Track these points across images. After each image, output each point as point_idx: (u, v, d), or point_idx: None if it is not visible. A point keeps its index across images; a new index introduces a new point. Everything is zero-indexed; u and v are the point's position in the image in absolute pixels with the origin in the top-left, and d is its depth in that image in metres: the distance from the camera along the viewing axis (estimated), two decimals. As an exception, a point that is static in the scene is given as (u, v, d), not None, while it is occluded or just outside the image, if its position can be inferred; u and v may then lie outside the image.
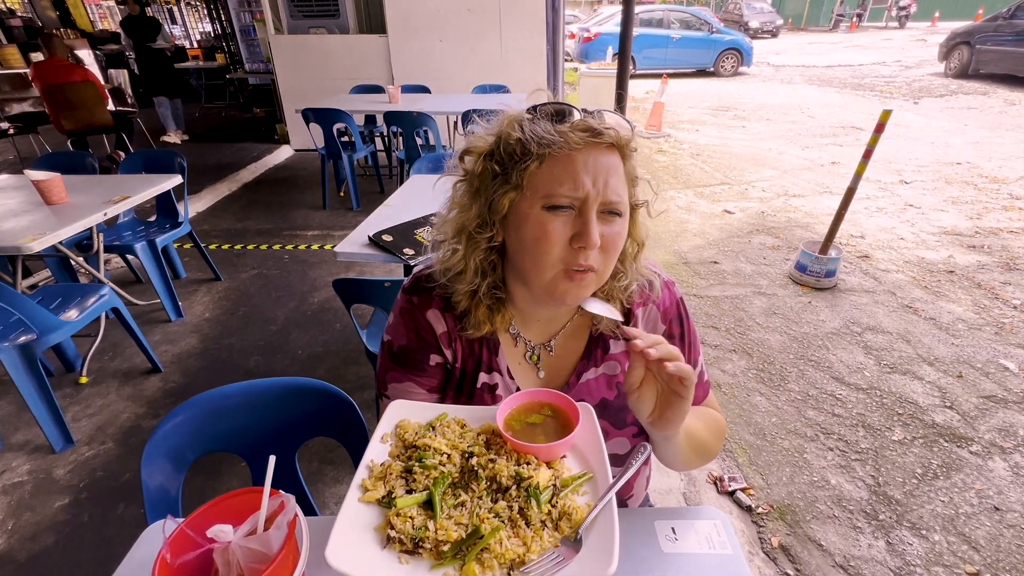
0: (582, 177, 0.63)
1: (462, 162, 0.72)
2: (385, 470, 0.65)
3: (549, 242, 0.65)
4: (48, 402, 1.94)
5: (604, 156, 0.65)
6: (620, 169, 0.67)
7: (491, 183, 0.68)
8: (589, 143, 0.64)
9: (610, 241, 0.67)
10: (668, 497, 1.77)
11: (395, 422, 0.73)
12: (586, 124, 0.64)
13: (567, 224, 0.65)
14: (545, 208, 0.65)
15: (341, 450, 1.03)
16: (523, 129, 0.66)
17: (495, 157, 0.68)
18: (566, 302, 0.69)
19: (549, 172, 0.65)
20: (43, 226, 2.00)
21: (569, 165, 0.64)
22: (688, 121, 7.41)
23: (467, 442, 0.68)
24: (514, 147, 0.66)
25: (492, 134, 0.69)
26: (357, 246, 1.74)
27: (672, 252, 3.55)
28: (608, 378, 0.80)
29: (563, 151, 0.64)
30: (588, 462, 0.67)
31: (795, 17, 23.58)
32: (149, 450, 0.91)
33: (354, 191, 4.30)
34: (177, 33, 12.61)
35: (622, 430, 0.80)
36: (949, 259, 3.35)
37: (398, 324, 0.81)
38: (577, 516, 0.59)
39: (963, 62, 9.39)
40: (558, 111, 0.67)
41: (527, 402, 0.72)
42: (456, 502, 0.61)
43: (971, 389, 2.23)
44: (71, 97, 4.51)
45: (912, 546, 1.59)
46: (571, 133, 0.63)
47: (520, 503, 0.60)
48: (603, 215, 0.66)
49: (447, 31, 5.32)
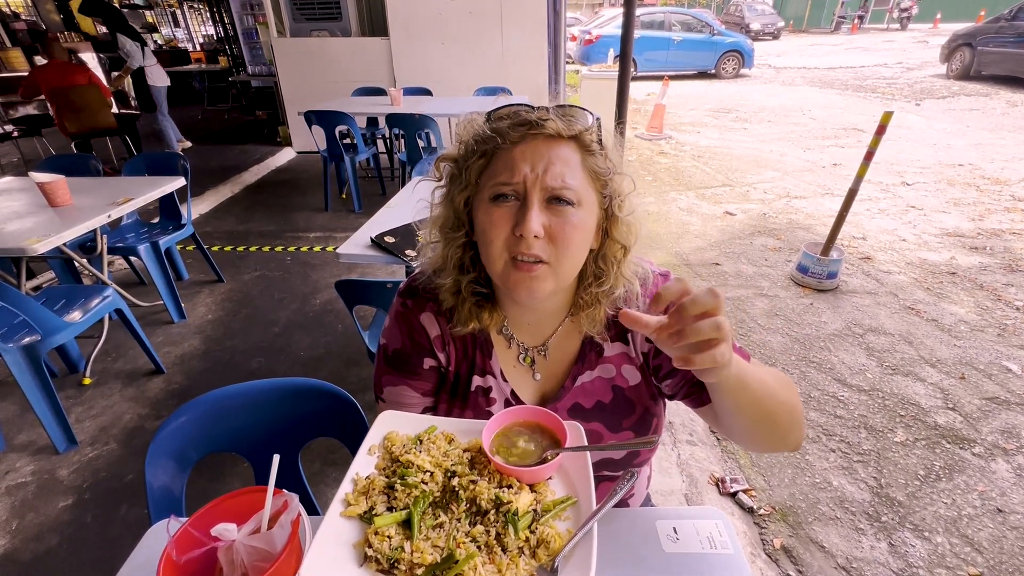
0: (519, 165, 0.65)
1: (437, 169, 0.76)
2: (368, 485, 0.65)
3: (494, 231, 0.67)
4: (52, 403, 1.94)
5: (548, 146, 0.66)
6: (572, 159, 0.67)
7: (453, 185, 0.73)
8: (530, 136, 0.66)
9: (558, 230, 0.65)
10: (669, 499, 1.77)
11: (384, 433, 0.72)
12: (522, 118, 0.66)
13: (510, 213, 0.66)
14: (490, 199, 0.67)
15: (344, 451, 1.03)
16: (473, 129, 0.70)
17: (457, 161, 0.72)
18: (521, 295, 0.68)
19: (493, 167, 0.68)
20: (47, 228, 2.01)
21: (509, 157, 0.66)
22: (689, 123, 7.42)
23: (451, 460, 0.67)
24: (466, 149, 0.71)
25: (457, 141, 0.73)
26: (359, 247, 1.75)
27: (673, 254, 3.55)
28: (604, 380, 0.80)
29: (505, 146, 0.67)
30: (574, 486, 0.66)
31: (796, 19, 23.59)
32: (153, 450, 0.91)
33: (356, 193, 4.31)
34: (180, 36, 12.67)
35: (618, 434, 0.80)
36: (951, 260, 3.34)
37: (393, 327, 0.82)
38: (555, 544, 0.58)
39: (965, 64, 9.38)
40: (510, 112, 0.68)
41: (516, 421, 0.70)
42: (435, 523, 0.61)
43: (973, 391, 2.22)
44: (75, 100, 4.54)
45: (915, 548, 1.59)
46: (509, 130, 0.66)
47: (498, 528, 0.59)
48: (550, 204, 0.66)
49: (448, 34, 5.33)
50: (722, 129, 7.02)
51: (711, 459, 1.94)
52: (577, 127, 0.67)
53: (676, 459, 1.93)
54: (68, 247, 2.30)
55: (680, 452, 1.96)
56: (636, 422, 0.80)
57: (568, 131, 0.66)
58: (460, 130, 0.72)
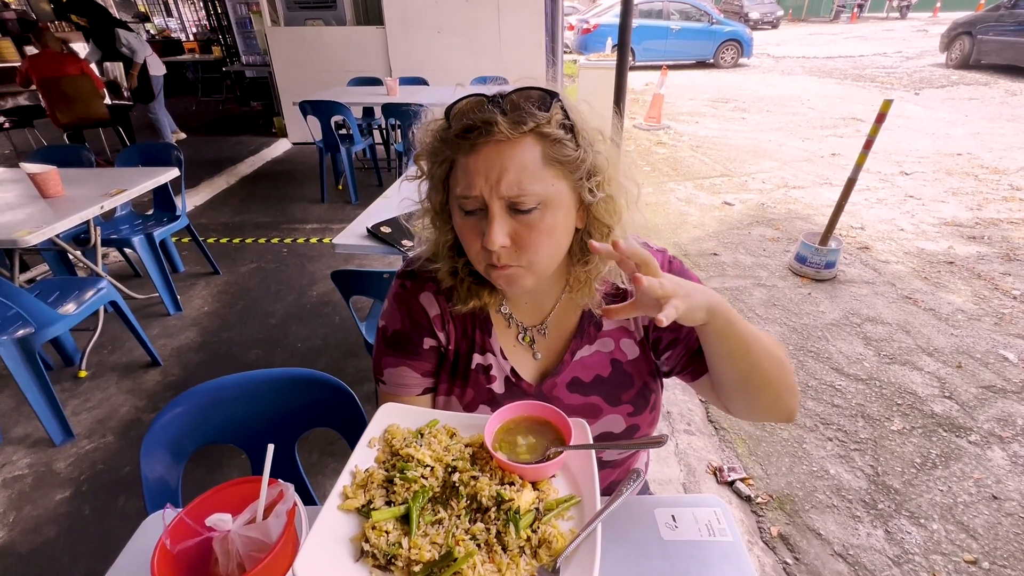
0: (474, 178, 0.62)
1: (418, 164, 0.74)
2: (367, 478, 0.64)
3: (467, 241, 0.68)
4: (47, 396, 1.94)
5: (499, 152, 0.62)
6: (529, 160, 0.62)
7: (428, 185, 0.72)
8: (481, 144, 0.62)
9: (524, 237, 0.64)
10: (667, 487, 1.77)
11: (384, 426, 0.71)
12: (469, 123, 0.62)
13: (478, 225, 0.65)
14: (460, 210, 0.67)
15: (342, 441, 1.02)
16: (425, 140, 0.69)
17: (424, 164, 0.71)
18: (505, 287, 0.70)
19: (455, 175, 0.66)
20: (39, 219, 1.99)
21: (465, 168, 0.64)
22: (688, 113, 7.38)
23: (452, 455, 0.66)
24: (428, 156, 0.69)
25: (418, 140, 0.72)
26: (355, 238, 1.74)
27: (671, 244, 3.54)
28: (603, 354, 0.80)
29: (461, 155, 0.64)
30: (578, 484, 0.65)
31: (796, 8, 23.39)
32: (148, 441, 0.91)
33: (352, 184, 4.28)
34: (173, 26, 12.50)
35: (617, 407, 0.80)
36: (949, 250, 3.34)
37: (392, 309, 0.81)
38: (557, 544, 0.57)
39: (964, 53, 9.33)
40: (464, 109, 0.64)
41: (520, 415, 0.69)
42: (434, 519, 0.59)
43: (970, 379, 2.23)
44: (67, 90, 4.48)
45: (911, 535, 1.60)
46: (458, 140, 0.63)
47: (499, 526, 0.58)
48: (512, 212, 0.64)
49: (445, 22, 5.27)
50: (720, 119, 6.99)
51: (709, 448, 1.95)
52: (530, 122, 0.61)
53: (674, 448, 1.94)
54: (61, 239, 2.27)
55: (678, 441, 1.97)
56: (635, 396, 0.81)
57: (518, 130, 0.61)
58: (419, 134, 0.70)
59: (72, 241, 2.59)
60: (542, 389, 0.79)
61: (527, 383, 0.80)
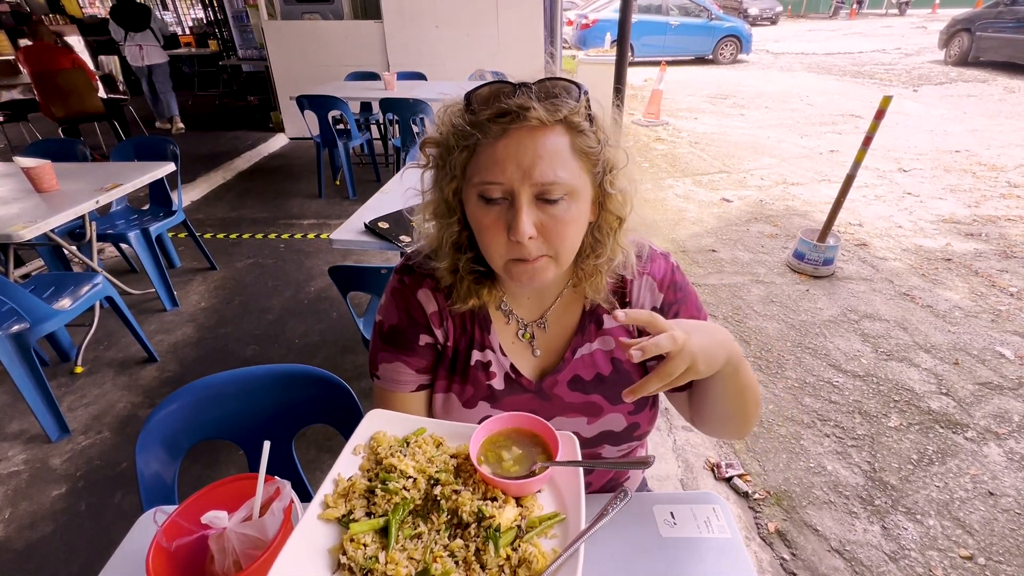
0: (504, 163, 0.61)
1: (424, 154, 0.72)
2: (349, 487, 0.62)
3: (489, 234, 0.65)
4: (43, 392, 1.92)
5: (532, 138, 0.61)
6: (560, 148, 0.62)
7: (440, 173, 0.70)
8: (513, 129, 0.61)
9: (552, 227, 0.64)
10: (665, 484, 1.78)
11: (371, 432, 0.70)
12: (502, 108, 0.61)
13: (502, 216, 0.64)
14: (479, 198, 0.64)
15: (339, 438, 1.02)
16: (452, 121, 0.66)
17: (441, 149, 0.69)
18: (526, 284, 0.68)
19: (477, 161, 0.64)
20: (34, 214, 1.98)
21: (493, 153, 0.62)
22: (686, 109, 7.36)
23: (436, 467, 0.64)
24: (448, 138, 0.66)
25: (437, 124, 0.70)
26: (353, 233, 1.73)
27: (670, 240, 3.54)
28: (604, 353, 0.79)
29: (488, 140, 0.62)
30: (564, 501, 0.63)
31: (795, 4, 23.34)
32: (144, 437, 0.90)
33: (350, 179, 4.26)
34: (168, 20, 12.40)
35: (617, 406, 0.79)
36: (947, 247, 3.35)
37: (389, 304, 0.81)
38: (538, 565, 0.55)
39: (963, 49, 9.33)
40: (491, 95, 0.63)
41: (508, 427, 0.68)
42: (413, 532, 0.58)
43: (967, 376, 2.24)
44: (61, 84, 4.44)
45: (907, 531, 1.61)
46: (489, 123, 0.62)
47: (478, 543, 0.57)
48: (540, 201, 0.63)
49: (443, 17, 5.24)
50: (719, 115, 6.98)
51: (706, 445, 1.95)
52: (563, 110, 0.62)
53: (672, 445, 1.94)
54: (56, 234, 2.26)
55: (676, 438, 1.97)
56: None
57: (553, 117, 0.61)
58: (440, 117, 0.68)
59: (67, 236, 2.57)
60: (542, 386, 0.79)
61: (527, 379, 0.79)
